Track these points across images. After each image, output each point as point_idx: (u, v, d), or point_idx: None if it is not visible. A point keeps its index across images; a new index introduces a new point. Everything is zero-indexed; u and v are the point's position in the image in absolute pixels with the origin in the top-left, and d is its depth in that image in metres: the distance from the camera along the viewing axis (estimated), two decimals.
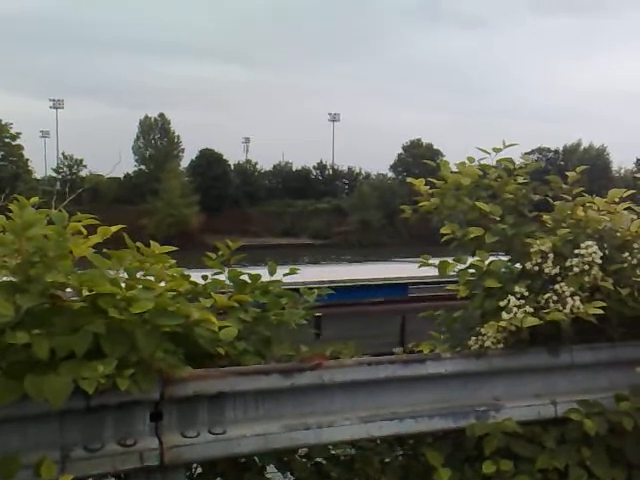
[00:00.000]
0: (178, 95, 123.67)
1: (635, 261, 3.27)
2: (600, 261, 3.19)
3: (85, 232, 2.59)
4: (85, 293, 2.40)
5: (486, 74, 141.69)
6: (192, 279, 2.96)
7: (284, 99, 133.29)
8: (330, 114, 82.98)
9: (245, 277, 3.12)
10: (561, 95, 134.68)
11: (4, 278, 2.37)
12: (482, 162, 3.61)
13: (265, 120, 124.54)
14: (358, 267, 18.07)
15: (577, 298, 3.08)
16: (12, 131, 61.86)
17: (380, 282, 14.35)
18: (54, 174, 67.13)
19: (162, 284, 2.63)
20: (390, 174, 72.84)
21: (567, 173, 3.62)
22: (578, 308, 3.06)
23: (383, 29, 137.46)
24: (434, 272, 3.41)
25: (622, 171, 69.73)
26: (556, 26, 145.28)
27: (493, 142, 3.63)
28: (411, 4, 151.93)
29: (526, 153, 4.31)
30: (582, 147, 72.59)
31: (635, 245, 3.31)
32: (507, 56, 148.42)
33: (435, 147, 70.24)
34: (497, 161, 3.63)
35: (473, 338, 3.15)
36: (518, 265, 3.36)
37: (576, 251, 3.21)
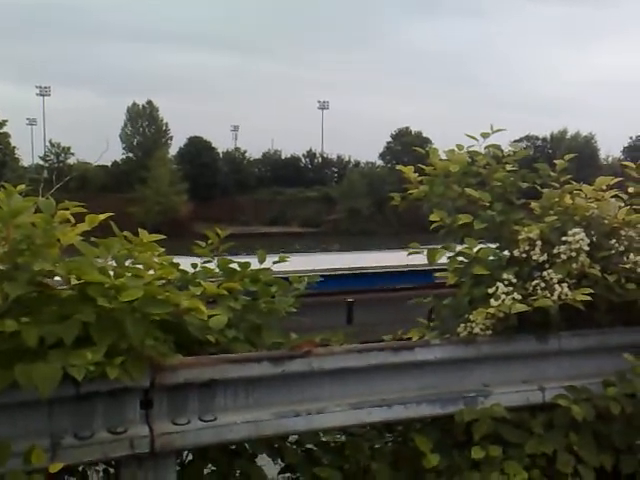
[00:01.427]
0: (167, 82, 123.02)
1: (622, 248, 3.30)
2: (587, 248, 3.21)
3: (73, 220, 2.58)
4: (73, 281, 2.39)
5: (482, 64, 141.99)
6: (181, 267, 2.95)
7: (274, 87, 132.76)
8: (319, 102, 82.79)
9: (235, 265, 3.11)
10: (555, 85, 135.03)
11: None
12: (471, 149, 3.61)
13: (254, 108, 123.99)
14: (384, 254, 18.26)
15: (565, 285, 3.10)
16: None
17: (407, 269, 14.52)
18: (41, 162, 66.66)
19: (151, 272, 2.62)
20: (379, 162, 72.86)
21: (555, 161, 3.64)
22: (566, 295, 3.08)
23: (379, 18, 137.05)
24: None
25: (610, 159, 69.99)
26: (554, 15, 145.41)
27: (485, 131, 3.64)
28: None
29: (514, 141, 4.35)
30: (569, 135, 72.73)
31: (622, 232, 3.34)
32: (504, 45, 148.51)
33: (424, 135, 70.18)
34: (485, 148, 3.64)
35: (462, 325, 3.16)
36: (506, 252, 3.37)
37: (564, 238, 3.22)
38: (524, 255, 3.25)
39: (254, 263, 3.17)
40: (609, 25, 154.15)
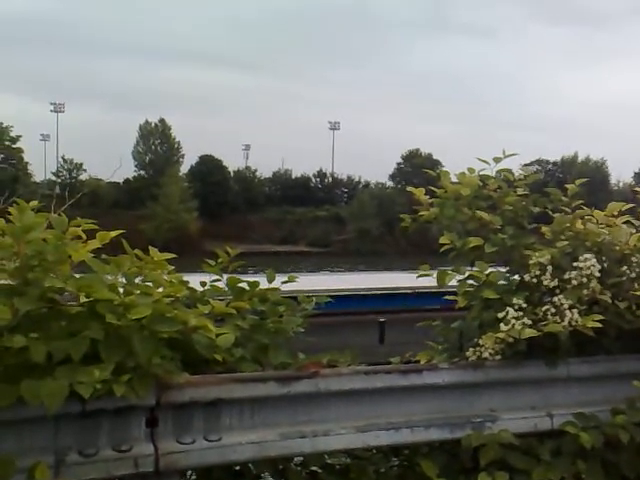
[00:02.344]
0: (179, 100, 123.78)
1: (633, 275, 3.28)
2: (598, 274, 3.19)
3: (84, 237, 2.59)
4: (83, 298, 2.40)
5: (490, 85, 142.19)
6: (190, 285, 2.95)
7: (285, 106, 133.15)
8: (330, 122, 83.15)
9: (243, 284, 3.11)
10: (564, 107, 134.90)
11: (2, 281, 2.37)
12: (482, 173, 3.62)
13: (265, 127, 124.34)
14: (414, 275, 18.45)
15: (575, 311, 3.08)
16: (12, 134, 61.78)
17: (438, 290, 14.65)
18: (54, 178, 67.09)
19: (160, 290, 2.63)
20: (389, 183, 72.94)
21: (566, 185, 3.63)
22: (576, 321, 3.06)
23: (387, 39, 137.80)
24: None
25: (621, 184, 69.79)
26: (561, 37, 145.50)
27: (495, 154, 3.64)
28: (416, 15, 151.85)
29: (525, 164, 4.35)
30: (579, 159, 72.63)
31: (633, 259, 3.32)
32: (511, 66, 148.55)
33: (435, 157, 70.27)
34: (497, 172, 3.64)
35: (471, 349, 3.15)
36: (517, 276, 3.36)
37: (575, 264, 3.21)
38: (535, 280, 3.24)
39: (262, 281, 3.17)
40: (616, 48, 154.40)
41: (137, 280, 2.59)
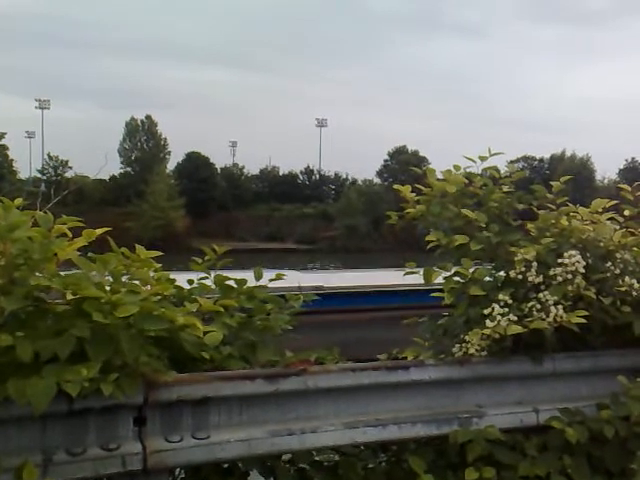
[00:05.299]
0: (166, 97, 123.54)
1: (617, 271, 3.31)
2: (583, 270, 3.22)
3: (70, 234, 2.58)
4: (69, 296, 2.39)
5: (479, 83, 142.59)
6: (177, 283, 2.95)
7: (272, 103, 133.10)
8: (318, 119, 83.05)
9: (231, 282, 3.11)
10: (552, 104, 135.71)
11: None
12: (468, 170, 3.63)
13: (253, 124, 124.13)
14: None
15: (560, 307, 3.11)
16: None
17: None
18: (39, 175, 66.65)
19: (147, 288, 2.62)
20: (377, 180, 73.00)
21: (552, 183, 3.66)
22: (561, 317, 3.08)
23: (379, 36, 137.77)
24: None
25: (606, 181, 70.24)
26: (552, 35, 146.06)
27: (483, 151, 3.66)
28: (409, 12, 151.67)
29: (511, 161, 4.36)
30: (566, 156, 72.99)
31: (618, 255, 3.35)
32: (503, 63, 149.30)
33: (421, 154, 70.35)
34: (483, 169, 3.66)
35: (457, 345, 3.17)
36: (502, 273, 3.38)
37: (559, 260, 3.23)
38: (520, 276, 3.26)
39: (246, 277, 3.17)
40: (608, 46, 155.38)
41: (124, 278, 2.58)
